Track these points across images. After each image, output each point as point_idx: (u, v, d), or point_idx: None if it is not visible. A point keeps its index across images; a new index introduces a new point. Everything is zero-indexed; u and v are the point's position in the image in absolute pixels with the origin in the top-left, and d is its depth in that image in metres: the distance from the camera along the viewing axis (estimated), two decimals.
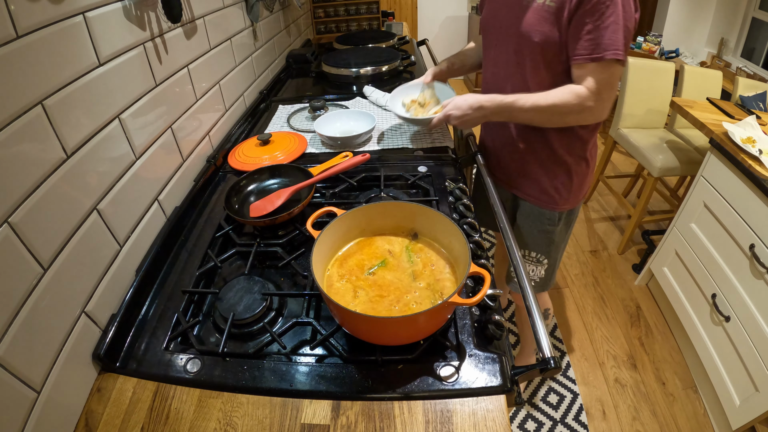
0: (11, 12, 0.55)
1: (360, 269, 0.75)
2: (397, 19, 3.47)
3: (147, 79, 0.88)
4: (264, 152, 1.18)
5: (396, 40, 2.13)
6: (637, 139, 2.14)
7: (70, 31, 0.66)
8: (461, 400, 0.62)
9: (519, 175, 1.13)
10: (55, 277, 0.61)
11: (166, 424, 0.61)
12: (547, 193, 1.11)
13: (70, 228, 0.65)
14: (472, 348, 0.67)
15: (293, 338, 0.72)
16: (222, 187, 1.11)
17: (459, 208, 0.96)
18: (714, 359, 1.47)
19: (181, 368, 0.67)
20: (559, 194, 1.10)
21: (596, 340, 1.80)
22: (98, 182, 0.73)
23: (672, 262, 1.76)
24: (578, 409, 1.53)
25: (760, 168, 1.30)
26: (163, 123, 0.94)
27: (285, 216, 0.90)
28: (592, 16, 0.82)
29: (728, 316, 1.39)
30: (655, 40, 3.33)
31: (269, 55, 1.73)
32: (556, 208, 1.12)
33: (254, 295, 0.76)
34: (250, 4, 1.44)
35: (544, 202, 1.12)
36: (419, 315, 0.62)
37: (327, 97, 1.57)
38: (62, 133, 0.64)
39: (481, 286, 0.67)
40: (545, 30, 0.89)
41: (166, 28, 0.95)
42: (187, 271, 0.85)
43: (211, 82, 1.18)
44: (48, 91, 0.61)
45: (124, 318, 0.73)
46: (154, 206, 0.90)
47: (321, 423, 0.60)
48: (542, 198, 1.12)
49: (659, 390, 1.61)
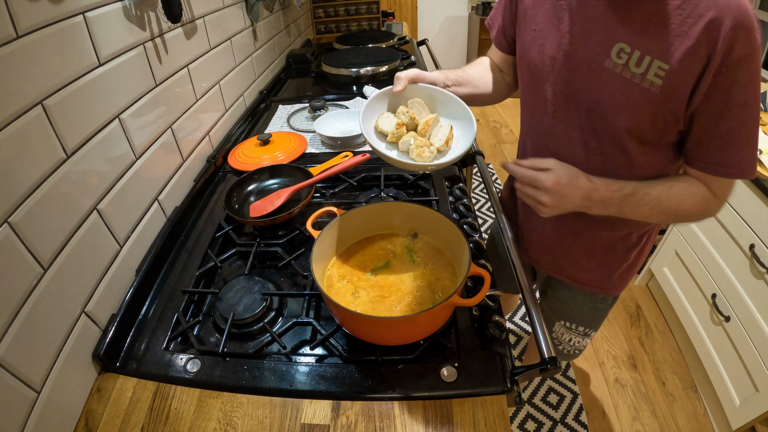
0: (11, 12, 0.55)
1: (361, 269, 0.75)
2: (397, 19, 3.47)
3: (147, 79, 0.88)
4: (264, 152, 1.18)
5: (396, 40, 2.14)
6: None
7: (70, 31, 0.66)
8: (461, 400, 0.62)
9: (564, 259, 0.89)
10: (55, 277, 0.61)
11: (166, 424, 0.61)
12: (604, 281, 0.89)
13: (70, 228, 0.65)
14: (472, 348, 0.67)
15: (293, 338, 0.72)
16: (222, 187, 1.11)
17: (459, 208, 0.96)
18: (714, 359, 1.47)
19: (181, 368, 0.67)
20: (622, 279, 0.89)
21: (596, 340, 1.80)
22: (98, 182, 0.73)
23: (672, 262, 1.76)
24: (578, 409, 1.53)
25: (760, 168, 1.30)
26: (163, 123, 0.94)
27: (285, 216, 0.90)
28: (730, 118, 0.58)
29: (728, 316, 1.39)
30: None
31: (269, 55, 1.73)
32: (614, 292, 0.91)
33: (254, 295, 0.76)
34: (250, 4, 1.44)
35: (599, 289, 0.90)
36: (419, 315, 0.62)
37: (327, 97, 1.57)
38: (62, 133, 0.64)
39: (481, 286, 0.67)
40: (637, 114, 0.62)
41: (166, 28, 0.95)
42: (187, 271, 0.85)
43: (211, 82, 1.18)
44: (48, 91, 0.61)
45: (124, 318, 0.73)
46: (154, 206, 0.90)
47: (321, 423, 0.60)
48: (598, 285, 0.90)
49: (659, 390, 1.61)
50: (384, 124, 0.74)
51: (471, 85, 0.83)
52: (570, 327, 1.00)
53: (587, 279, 0.89)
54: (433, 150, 0.71)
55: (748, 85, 0.56)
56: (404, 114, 0.74)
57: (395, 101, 0.76)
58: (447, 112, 0.76)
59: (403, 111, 0.74)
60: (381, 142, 0.74)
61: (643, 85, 0.59)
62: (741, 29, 0.52)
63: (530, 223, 0.91)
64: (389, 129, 0.73)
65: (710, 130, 0.60)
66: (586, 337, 1.02)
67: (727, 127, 0.58)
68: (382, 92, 0.75)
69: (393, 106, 0.77)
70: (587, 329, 1.00)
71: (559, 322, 1.01)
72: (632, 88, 0.60)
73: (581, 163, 0.69)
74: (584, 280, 0.89)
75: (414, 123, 0.74)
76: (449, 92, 0.75)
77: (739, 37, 0.52)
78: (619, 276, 0.88)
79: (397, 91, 0.72)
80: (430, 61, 2.00)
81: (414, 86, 0.75)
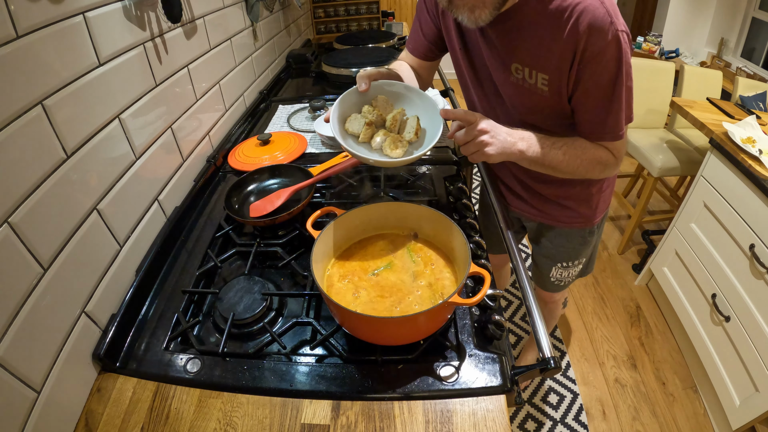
0: (11, 12, 0.55)
1: (362, 270, 0.75)
2: (397, 19, 3.47)
3: (147, 79, 0.88)
4: (264, 152, 1.18)
5: (396, 40, 2.13)
6: (637, 139, 2.14)
7: (70, 31, 0.66)
8: (461, 400, 0.62)
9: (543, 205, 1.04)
10: (55, 277, 0.61)
11: (166, 424, 0.61)
12: (583, 216, 1.03)
13: (70, 228, 0.65)
14: (472, 348, 0.67)
15: (293, 338, 0.72)
16: (222, 187, 1.11)
17: (459, 208, 0.96)
18: (714, 359, 1.47)
19: (181, 368, 0.67)
20: (597, 209, 1.03)
21: (596, 340, 1.80)
22: (98, 182, 0.73)
23: (672, 262, 1.75)
24: (578, 409, 1.53)
25: (760, 168, 1.30)
26: (163, 123, 0.94)
27: (285, 216, 0.90)
28: (601, 101, 0.74)
29: (728, 316, 1.39)
30: (655, 40, 3.33)
31: (269, 55, 1.73)
32: (594, 222, 1.05)
33: (254, 295, 0.76)
34: (250, 4, 1.43)
35: (580, 223, 1.04)
36: (419, 315, 0.62)
37: (327, 97, 1.57)
38: (62, 133, 0.64)
39: (481, 286, 0.67)
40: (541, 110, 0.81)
41: (166, 28, 0.95)
42: (187, 271, 0.85)
43: (211, 82, 1.18)
44: (48, 91, 0.61)
45: (124, 318, 0.73)
46: (154, 206, 0.90)
47: (321, 423, 0.60)
48: (578, 220, 1.04)
49: (659, 390, 1.61)
50: (353, 126, 0.76)
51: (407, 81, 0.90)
52: (566, 265, 1.15)
53: (570, 217, 1.02)
54: (404, 143, 0.75)
55: (603, 74, 0.70)
56: (370, 113, 0.76)
57: (360, 101, 0.78)
58: (410, 103, 0.80)
59: (368, 110, 0.77)
60: (358, 146, 0.76)
61: (538, 92, 0.77)
62: (594, 30, 0.66)
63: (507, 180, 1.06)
64: (359, 130, 0.75)
65: (582, 110, 0.77)
66: (580, 265, 1.16)
67: (593, 105, 0.75)
68: (345, 95, 0.76)
69: (358, 106, 0.79)
70: (580, 260, 1.14)
71: (556, 265, 1.15)
72: (531, 94, 0.79)
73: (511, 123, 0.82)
74: (568, 219, 1.03)
75: (381, 119, 0.77)
76: (409, 85, 0.81)
77: (592, 37, 0.66)
78: (597, 205, 1.01)
79: (363, 90, 0.77)
80: None
81: (376, 84, 0.78)
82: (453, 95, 1.60)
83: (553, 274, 1.18)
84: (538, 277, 1.24)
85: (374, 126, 0.75)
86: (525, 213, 1.09)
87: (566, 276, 1.19)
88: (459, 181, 1.06)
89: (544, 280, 1.22)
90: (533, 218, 1.08)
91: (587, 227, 1.05)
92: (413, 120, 0.77)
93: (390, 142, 0.72)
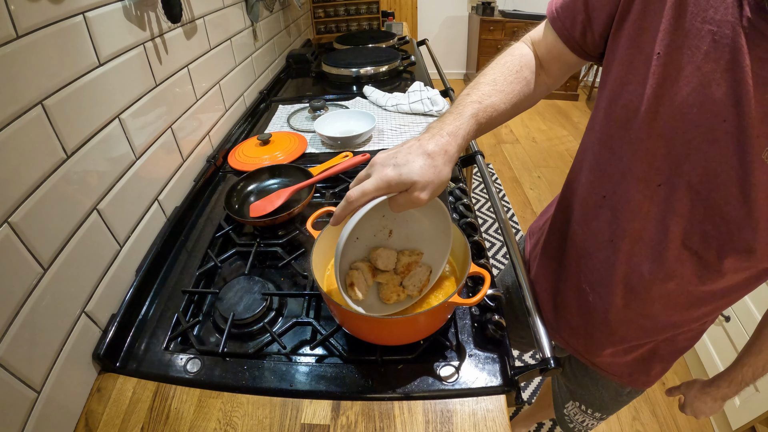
0: (11, 12, 0.55)
1: None
2: (397, 19, 3.48)
3: (147, 79, 0.88)
4: (264, 152, 1.18)
5: (396, 40, 2.14)
6: None
7: (70, 31, 0.66)
8: (461, 400, 0.62)
9: (602, 347, 0.73)
10: (55, 277, 0.61)
11: (166, 424, 0.61)
12: (641, 375, 0.76)
13: (70, 228, 0.65)
14: (472, 348, 0.67)
15: (293, 338, 0.72)
16: (222, 187, 1.11)
17: (459, 208, 0.96)
18: (714, 359, 1.47)
19: (181, 368, 0.67)
20: (660, 372, 0.76)
21: None
22: (98, 182, 0.73)
23: None
24: None
25: None
26: (163, 123, 0.94)
27: (285, 216, 0.90)
28: None
29: (728, 316, 1.39)
30: None
31: (269, 55, 1.73)
32: (648, 385, 0.78)
33: (254, 295, 0.76)
34: (250, 4, 1.44)
35: (631, 382, 0.78)
36: (419, 315, 0.62)
37: (327, 97, 1.57)
38: (62, 133, 0.64)
39: (481, 286, 0.67)
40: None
41: (166, 28, 0.95)
42: (187, 271, 0.85)
43: (211, 82, 1.18)
44: (48, 91, 0.61)
45: (124, 318, 0.73)
46: (154, 206, 0.90)
47: (321, 423, 0.60)
48: (630, 378, 0.77)
49: (659, 390, 1.61)
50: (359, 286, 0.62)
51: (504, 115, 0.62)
52: (585, 410, 0.91)
53: (621, 371, 0.75)
54: (403, 296, 0.65)
55: None
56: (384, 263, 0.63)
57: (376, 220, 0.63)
58: (425, 224, 0.65)
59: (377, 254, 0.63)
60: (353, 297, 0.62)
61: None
62: None
63: (565, 302, 0.75)
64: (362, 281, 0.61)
65: None
66: (601, 420, 0.92)
67: None
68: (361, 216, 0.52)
69: (374, 227, 0.64)
70: (604, 414, 0.90)
71: (574, 402, 0.92)
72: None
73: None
74: (617, 371, 0.75)
75: (388, 263, 0.63)
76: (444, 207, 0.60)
77: None
78: (657, 371, 0.75)
79: (334, 226, 0.54)
80: (430, 61, 2.00)
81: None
82: (453, 95, 1.58)
83: (568, 409, 0.95)
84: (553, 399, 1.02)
85: (379, 272, 0.64)
86: (564, 343, 0.80)
87: (578, 421, 0.94)
88: (459, 182, 1.06)
89: (557, 407, 0.99)
90: (575, 353, 0.79)
91: (633, 386, 0.79)
92: (424, 273, 0.65)
93: (389, 289, 0.63)
